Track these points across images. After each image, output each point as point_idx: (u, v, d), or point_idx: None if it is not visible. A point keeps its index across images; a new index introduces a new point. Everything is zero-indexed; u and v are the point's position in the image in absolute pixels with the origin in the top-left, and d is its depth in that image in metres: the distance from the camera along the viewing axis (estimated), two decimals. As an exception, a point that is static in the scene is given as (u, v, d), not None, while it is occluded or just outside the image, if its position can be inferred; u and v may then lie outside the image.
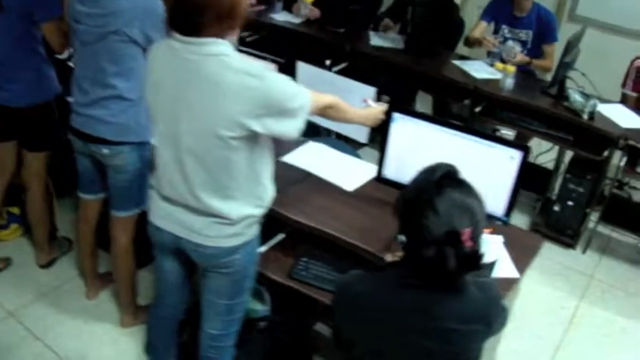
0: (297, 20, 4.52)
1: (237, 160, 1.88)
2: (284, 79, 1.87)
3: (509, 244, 2.32)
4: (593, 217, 3.84)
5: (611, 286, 3.62)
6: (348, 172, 2.64)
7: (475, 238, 1.45)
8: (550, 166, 4.30)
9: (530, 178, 4.18)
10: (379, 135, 2.42)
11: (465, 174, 2.21)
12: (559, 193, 3.81)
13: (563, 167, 4.03)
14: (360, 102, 2.46)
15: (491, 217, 2.29)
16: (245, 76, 1.77)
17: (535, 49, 4.14)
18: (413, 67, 4.05)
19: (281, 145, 2.77)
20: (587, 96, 3.59)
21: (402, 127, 2.34)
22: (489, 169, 2.22)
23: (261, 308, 2.51)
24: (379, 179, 2.47)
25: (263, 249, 2.43)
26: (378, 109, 2.37)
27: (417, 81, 4.23)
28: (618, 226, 3.93)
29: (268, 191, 2.06)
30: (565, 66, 3.65)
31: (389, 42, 4.29)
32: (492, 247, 2.27)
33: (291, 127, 1.89)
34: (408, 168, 2.35)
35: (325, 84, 2.64)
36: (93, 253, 2.98)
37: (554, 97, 3.74)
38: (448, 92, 4.00)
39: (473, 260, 1.45)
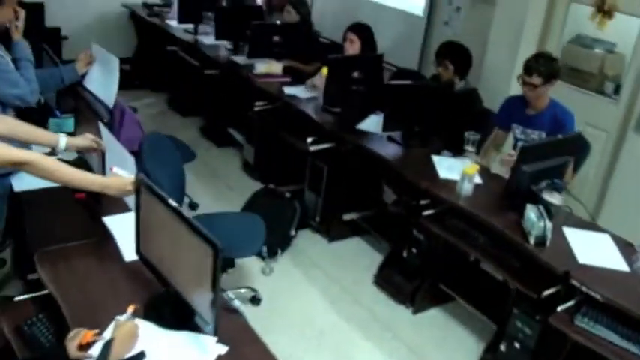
0: (305, 95, 4.38)
1: None
2: None
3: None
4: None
5: None
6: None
7: None
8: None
9: (487, 299, 3.44)
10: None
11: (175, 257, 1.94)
12: (507, 329, 3.09)
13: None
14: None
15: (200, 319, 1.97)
16: None
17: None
18: (386, 159, 3.66)
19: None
20: (542, 216, 2.91)
21: (146, 203, 2.11)
22: (194, 259, 1.90)
23: None
24: (139, 257, 2.25)
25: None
26: (126, 180, 2.19)
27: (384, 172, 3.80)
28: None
29: None
30: (523, 176, 3.02)
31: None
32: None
33: None
34: (151, 245, 2.14)
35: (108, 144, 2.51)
36: None
37: (518, 212, 3.10)
38: (403, 189, 3.54)
39: None
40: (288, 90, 4.45)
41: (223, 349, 1.96)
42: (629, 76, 4.37)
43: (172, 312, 2.08)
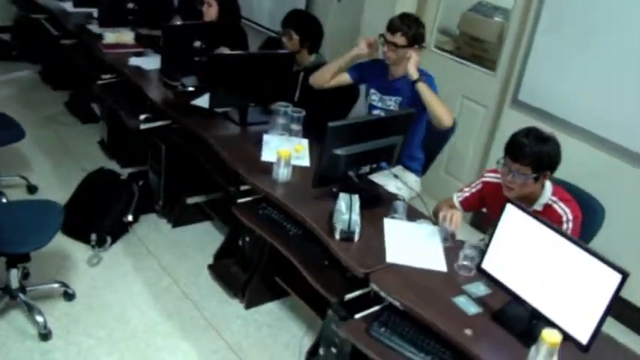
0: (150, 67, 3.74)
1: None
2: None
3: None
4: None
5: None
6: None
7: None
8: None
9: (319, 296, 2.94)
10: None
11: None
12: (324, 333, 2.57)
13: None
14: None
15: None
16: None
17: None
18: (206, 138, 3.08)
19: None
20: (350, 207, 2.37)
21: None
22: None
23: None
24: None
25: None
26: None
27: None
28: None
29: None
30: (335, 160, 2.47)
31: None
32: None
33: None
34: None
35: None
36: None
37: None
38: (225, 173, 2.98)
39: None
40: (134, 61, 3.82)
41: None
42: (506, 47, 3.85)
43: None
